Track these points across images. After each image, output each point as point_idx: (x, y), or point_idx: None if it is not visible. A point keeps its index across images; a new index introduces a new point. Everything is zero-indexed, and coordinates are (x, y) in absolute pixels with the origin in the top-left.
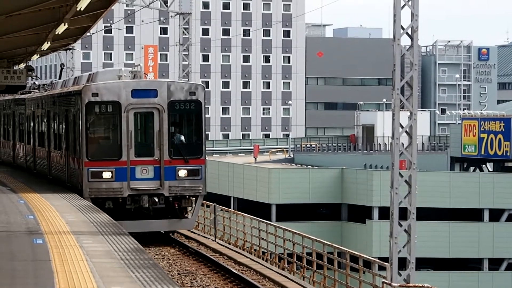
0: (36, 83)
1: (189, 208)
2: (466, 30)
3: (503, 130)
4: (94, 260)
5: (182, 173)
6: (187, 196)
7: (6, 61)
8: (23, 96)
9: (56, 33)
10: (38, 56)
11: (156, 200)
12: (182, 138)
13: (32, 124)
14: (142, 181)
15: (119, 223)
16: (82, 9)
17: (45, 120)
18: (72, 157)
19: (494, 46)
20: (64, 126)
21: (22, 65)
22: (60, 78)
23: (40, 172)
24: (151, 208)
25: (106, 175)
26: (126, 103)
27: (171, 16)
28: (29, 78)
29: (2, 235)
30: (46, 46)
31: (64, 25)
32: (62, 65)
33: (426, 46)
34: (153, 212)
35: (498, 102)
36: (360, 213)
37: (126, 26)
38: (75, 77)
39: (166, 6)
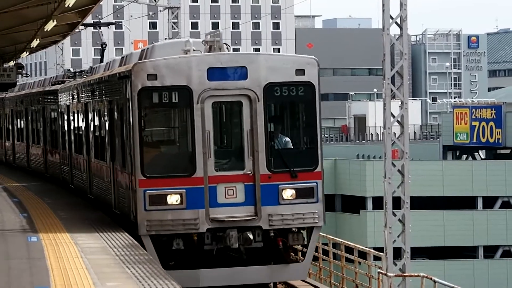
0: (71, 70)
1: (300, 247)
2: (456, 19)
3: (495, 117)
4: (89, 256)
5: (289, 193)
6: (296, 230)
7: None
8: (54, 87)
9: (45, 30)
10: (28, 53)
11: (250, 236)
12: (287, 140)
13: (66, 123)
14: (227, 207)
15: (195, 272)
16: (70, 6)
17: (82, 117)
18: (121, 171)
19: (483, 33)
20: (107, 125)
21: (11, 63)
22: (101, 61)
23: (78, 188)
24: (243, 249)
25: (173, 199)
26: (200, 88)
27: (160, 11)
28: (22, 75)
29: None
30: (35, 43)
31: (53, 21)
32: (103, 45)
33: (416, 35)
34: (245, 254)
35: (489, 89)
36: (354, 204)
37: (115, 22)
38: (122, 56)
39: (155, 0)
